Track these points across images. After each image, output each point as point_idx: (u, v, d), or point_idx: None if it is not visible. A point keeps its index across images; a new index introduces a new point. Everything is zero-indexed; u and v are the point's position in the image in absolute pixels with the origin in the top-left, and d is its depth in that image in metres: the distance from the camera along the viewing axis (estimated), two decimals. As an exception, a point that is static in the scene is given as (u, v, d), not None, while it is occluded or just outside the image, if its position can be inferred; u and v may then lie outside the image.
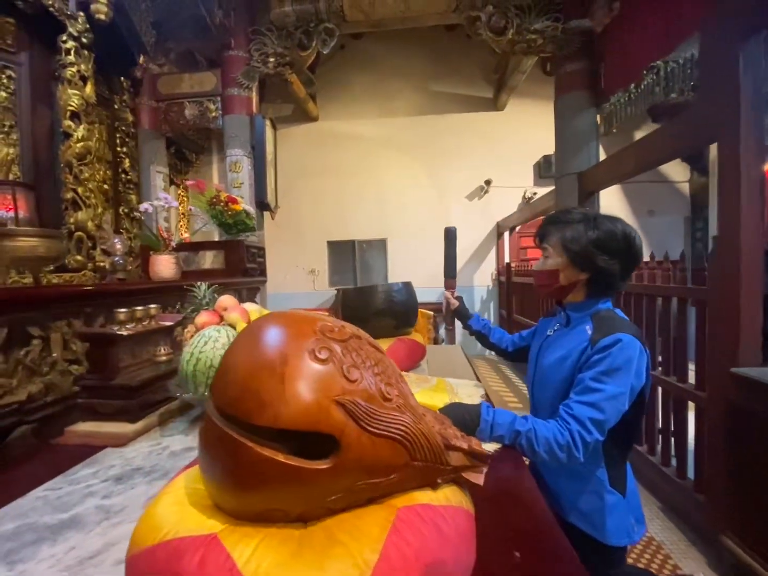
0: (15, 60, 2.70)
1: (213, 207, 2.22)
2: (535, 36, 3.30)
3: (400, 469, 0.47)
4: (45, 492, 0.78)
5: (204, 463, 0.49)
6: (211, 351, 0.99)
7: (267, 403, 0.42)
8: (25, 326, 1.07)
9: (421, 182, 5.98)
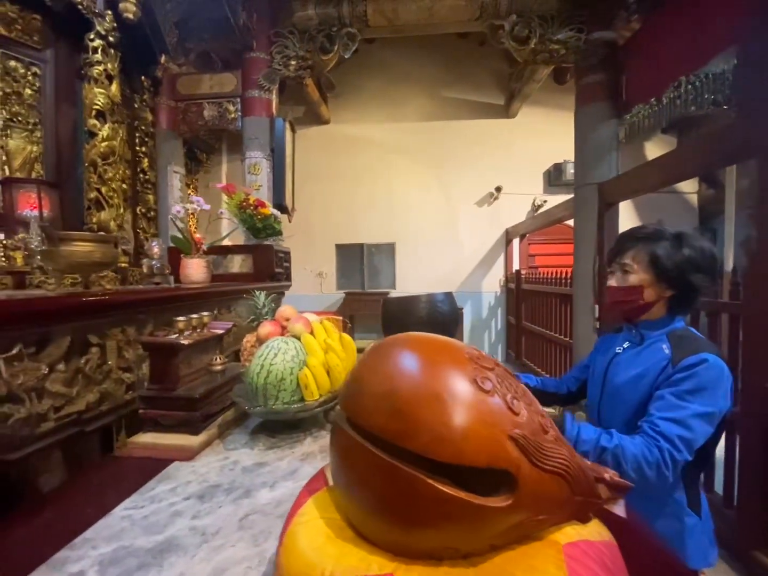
0: (40, 57, 2.67)
1: (243, 211, 2.20)
2: (557, 46, 3.31)
3: (563, 505, 0.46)
4: (129, 511, 0.75)
5: (357, 496, 0.47)
6: (281, 364, 0.97)
7: (446, 438, 0.41)
8: (85, 334, 1.04)
9: (431, 187, 5.99)
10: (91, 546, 0.66)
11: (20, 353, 0.88)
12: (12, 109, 2.57)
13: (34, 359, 0.91)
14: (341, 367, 1.04)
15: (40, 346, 0.93)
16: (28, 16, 2.67)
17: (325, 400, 1.03)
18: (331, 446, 0.55)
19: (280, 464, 0.92)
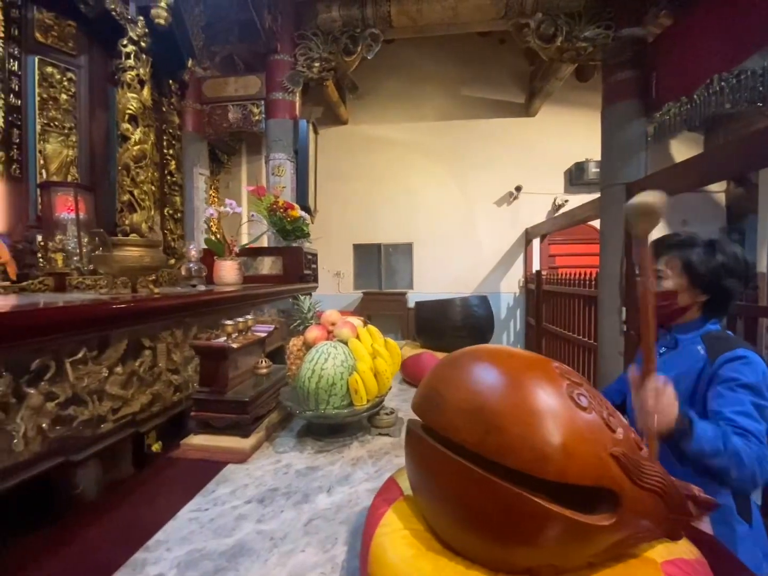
0: (75, 63, 2.73)
1: (273, 213, 2.22)
2: (585, 44, 3.26)
3: (660, 523, 0.46)
4: (195, 513, 0.77)
5: (448, 509, 0.47)
6: (332, 368, 0.98)
7: (549, 457, 0.41)
8: (139, 337, 1.07)
9: (449, 187, 5.96)
10: (165, 548, 0.68)
11: (84, 357, 0.90)
12: (49, 114, 2.64)
13: (95, 362, 0.94)
14: (389, 372, 1.04)
15: (100, 350, 0.95)
16: (63, 22, 2.74)
17: (373, 405, 1.04)
18: (411, 456, 0.56)
19: (333, 469, 0.93)
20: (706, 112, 2.88)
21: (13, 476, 0.77)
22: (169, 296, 1.18)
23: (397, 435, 1.10)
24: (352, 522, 0.73)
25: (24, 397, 0.80)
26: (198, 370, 1.36)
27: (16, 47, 2.54)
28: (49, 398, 0.84)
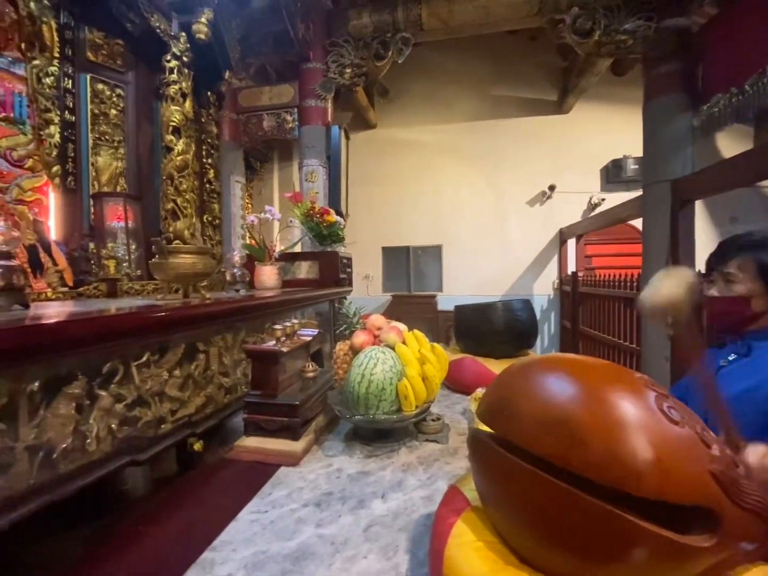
0: (123, 79, 2.89)
1: (310, 219, 2.26)
2: (624, 37, 3.14)
3: (760, 545, 0.43)
4: (255, 515, 0.79)
5: (527, 524, 0.46)
6: (381, 374, 0.99)
7: (643, 473, 0.39)
8: (194, 342, 1.11)
9: (479, 188, 5.88)
10: (231, 549, 0.70)
11: (148, 360, 0.95)
12: (100, 129, 2.80)
13: (157, 366, 0.98)
14: (437, 378, 1.03)
15: (161, 354, 1.00)
16: (112, 41, 2.90)
17: (422, 410, 1.03)
18: (481, 467, 0.55)
19: (384, 474, 0.93)
20: (760, 102, 2.71)
21: (87, 475, 0.81)
22: (221, 302, 1.22)
23: (445, 441, 1.09)
24: (411, 530, 0.73)
25: (96, 399, 0.84)
26: (245, 373, 1.40)
27: (70, 66, 2.71)
28: (117, 400, 0.88)
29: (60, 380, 0.77)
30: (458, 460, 0.99)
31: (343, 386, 1.08)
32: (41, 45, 2.55)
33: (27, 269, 2.01)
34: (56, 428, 0.76)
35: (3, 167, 2.41)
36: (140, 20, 2.81)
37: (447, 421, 1.19)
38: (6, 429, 0.67)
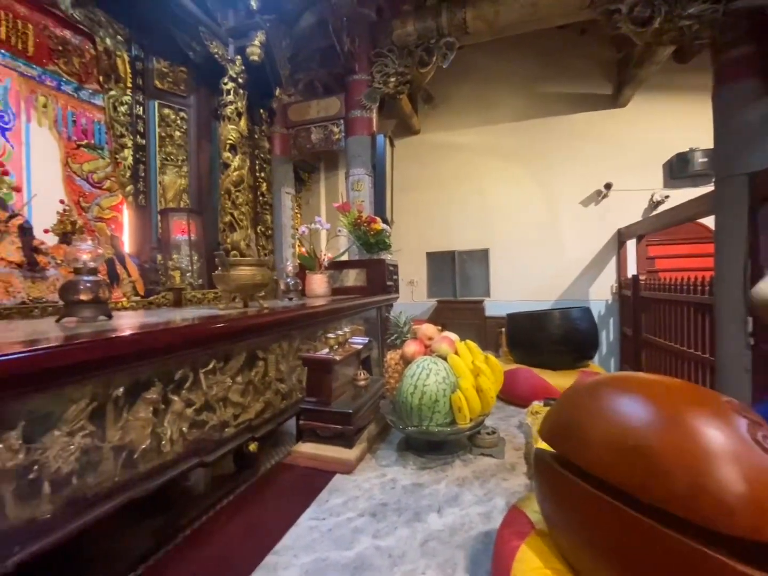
0: (186, 103, 3.13)
1: (357, 227, 2.31)
2: (689, 22, 2.91)
3: None
4: (314, 522, 0.81)
5: (603, 558, 0.43)
6: (434, 385, 0.98)
7: (736, 510, 0.35)
8: (254, 349, 1.16)
9: (527, 189, 5.69)
10: (292, 554, 0.72)
11: (214, 368, 1.01)
12: (166, 150, 3.06)
13: (222, 372, 1.04)
14: (492, 390, 1.01)
15: (225, 361, 1.06)
16: (176, 69, 3.16)
17: (476, 423, 1.01)
18: (547, 491, 0.53)
19: (438, 488, 0.92)
20: None
21: (162, 474, 0.88)
22: (277, 311, 1.28)
23: (501, 456, 1.06)
24: (469, 547, 0.72)
25: (169, 404, 0.91)
26: (300, 379, 1.45)
27: (140, 95, 2.98)
28: (187, 405, 0.95)
29: (140, 386, 0.84)
30: (516, 477, 0.96)
31: (394, 396, 1.09)
32: (116, 77, 2.83)
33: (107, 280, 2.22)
34: (137, 430, 0.83)
35: (85, 188, 2.69)
36: (201, 48, 3.03)
37: (502, 435, 1.16)
38: (95, 430, 0.75)
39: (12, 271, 1.80)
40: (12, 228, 1.92)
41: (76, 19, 2.52)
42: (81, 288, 1.01)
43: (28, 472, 0.62)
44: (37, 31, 2.37)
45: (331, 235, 2.61)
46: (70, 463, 0.69)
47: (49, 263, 1.97)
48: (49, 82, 2.45)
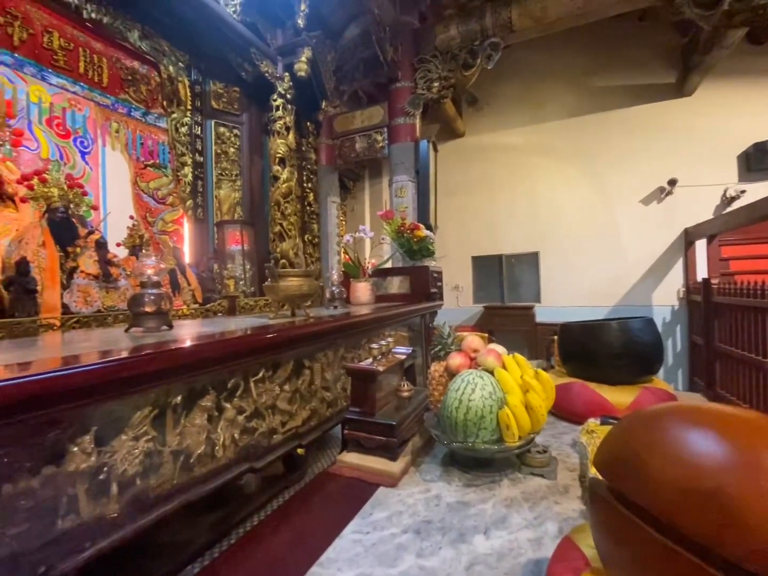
0: (239, 121, 3.32)
1: (400, 235, 2.31)
2: (764, 1, 2.63)
3: None
4: (357, 535, 0.81)
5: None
6: (480, 400, 0.95)
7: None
8: (301, 358, 1.19)
9: (581, 189, 5.40)
10: (336, 567, 0.72)
11: (263, 376, 1.05)
12: (221, 165, 3.25)
13: (270, 381, 1.08)
14: (543, 408, 0.96)
15: (274, 370, 1.10)
16: (230, 89, 3.35)
17: (526, 442, 0.97)
18: (604, 529, 0.49)
19: (485, 507, 0.89)
20: None
21: (216, 478, 0.92)
22: (323, 321, 1.30)
23: (553, 477, 1.00)
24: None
25: (222, 411, 0.96)
26: (344, 388, 1.46)
27: (199, 115, 3.19)
28: (239, 412, 0.99)
29: (196, 394, 0.89)
30: (569, 501, 0.90)
31: (439, 409, 1.06)
32: (178, 100, 3.06)
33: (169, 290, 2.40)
34: (193, 436, 0.87)
35: (151, 204, 2.93)
36: (252, 67, 3.20)
37: (554, 454, 1.09)
38: (157, 435, 0.80)
39: (90, 282, 1.99)
40: (90, 243, 2.13)
41: (144, 50, 2.77)
42: (146, 300, 1.10)
43: (99, 473, 0.68)
44: (110, 64, 2.62)
45: (375, 243, 2.63)
46: (134, 465, 0.74)
47: (121, 274, 2.16)
48: (120, 109, 2.71)
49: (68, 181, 2.36)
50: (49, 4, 2.24)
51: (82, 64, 2.46)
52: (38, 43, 2.25)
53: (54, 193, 2.13)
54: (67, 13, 2.32)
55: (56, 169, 2.47)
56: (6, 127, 2.29)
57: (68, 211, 2.14)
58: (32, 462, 0.58)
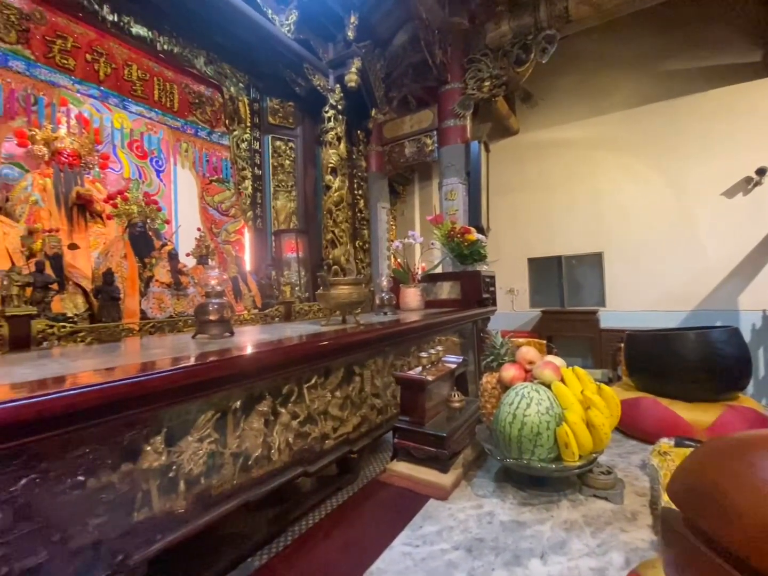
0: (294, 134, 3.48)
1: (451, 239, 2.27)
2: None
3: None
4: (407, 548, 0.81)
5: None
6: (536, 416, 0.90)
7: None
8: (351, 365, 1.22)
9: (650, 183, 4.97)
10: (386, 579, 0.72)
11: (315, 383, 1.08)
12: (278, 177, 3.42)
13: (322, 387, 1.11)
14: (607, 427, 0.89)
15: (325, 377, 1.12)
16: (285, 104, 3.52)
17: (587, 462, 0.90)
18: (677, 564, 0.44)
19: (542, 529, 0.84)
20: None
21: (272, 481, 0.96)
22: (374, 329, 1.32)
23: (618, 501, 0.92)
24: (580, 609, 0.63)
25: (278, 415, 1.00)
26: (395, 395, 1.47)
27: (257, 131, 3.39)
28: (293, 417, 1.03)
29: (253, 399, 0.94)
30: (638, 529, 0.82)
31: (491, 422, 1.03)
32: (238, 119, 3.27)
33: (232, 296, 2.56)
34: (251, 439, 0.92)
35: (216, 217, 3.15)
36: (305, 82, 3.34)
37: (620, 475, 1.01)
38: (219, 438, 0.85)
39: (163, 290, 2.18)
40: (163, 254, 2.34)
41: (209, 74, 3.00)
42: (210, 309, 1.18)
43: (168, 471, 0.74)
44: (179, 90, 2.87)
45: (425, 248, 2.62)
46: (199, 465, 0.80)
47: (189, 283, 2.35)
48: (189, 130, 2.95)
49: (145, 198, 2.61)
50: (128, 40, 2.50)
51: (156, 91, 2.72)
52: (120, 76, 2.52)
53: (134, 210, 2.37)
54: (143, 46, 2.58)
55: (136, 187, 2.75)
56: (95, 152, 2.59)
57: (146, 226, 2.37)
58: (113, 459, 0.65)
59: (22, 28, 2.02)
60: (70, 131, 2.42)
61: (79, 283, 1.92)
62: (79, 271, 2.00)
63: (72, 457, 0.60)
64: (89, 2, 2.18)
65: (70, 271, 1.93)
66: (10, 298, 1.43)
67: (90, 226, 2.47)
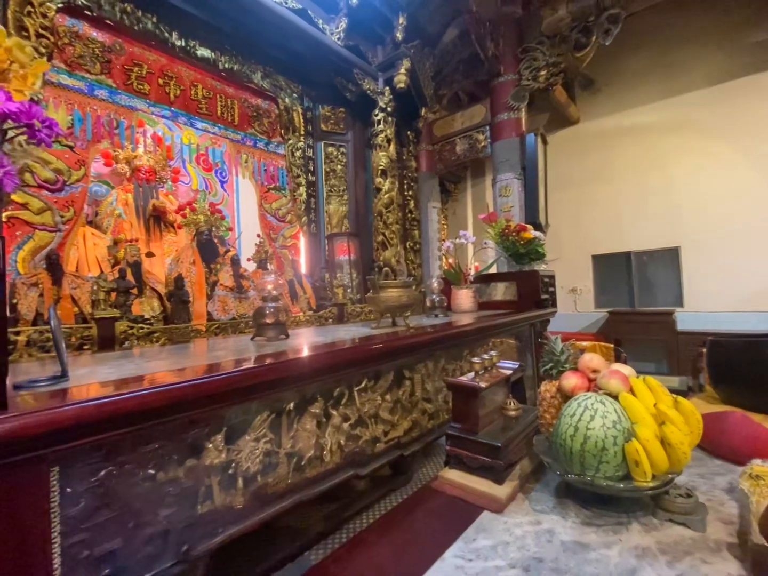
0: (344, 139, 3.55)
1: (505, 238, 2.18)
2: None
3: None
4: (459, 560, 0.78)
5: None
6: (601, 429, 0.83)
7: None
8: (401, 369, 1.21)
9: (735, 169, 4.42)
10: (437, 592, 0.70)
11: (366, 386, 1.09)
12: (330, 182, 3.51)
13: (372, 391, 1.11)
14: (686, 446, 0.80)
15: (375, 380, 1.13)
16: (336, 111, 3.60)
17: (662, 483, 0.81)
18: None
19: (609, 554, 0.77)
20: None
21: (324, 481, 0.98)
22: (424, 333, 1.30)
23: (700, 528, 0.82)
24: (656, 649, 0.57)
25: (329, 418, 1.02)
26: (446, 400, 1.44)
27: (310, 139, 3.49)
28: (344, 419, 1.04)
29: (306, 402, 0.96)
30: (722, 561, 0.72)
31: (551, 434, 0.97)
32: (293, 128, 3.40)
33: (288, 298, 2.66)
34: (304, 440, 0.95)
35: (274, 223, 3.30)
36: (355, 87, 3.39)
37: (702, 499, 0.90)
38: (274, 438, 0.89)
39: (227, 294, 2.33)
40: (227, 260, 2.50)
41: (265, 87, 3.15)
42: (266, 313, 1.24)
43: (228, 468, 0.78)
44: (239, 104, 3.05)
45: (478, 248, 2.54)
46: (256, 464, 0.84)
47: (250, 286, 2.48)
48: (248, 142, 3.12)
49: (211, 207, 2.81)
50: (194, 62, 2.70)
51: (219, 108, 2.91)
52: (187, 96, 2.73)
53: (201, 219, 2.56)
54: (207, 67, 2.77)
55: (203, 198, 2.96)
56: (168, 168, 2.83)
57: (211, 233, 2.54)
58: (178, 455, 0.70)
59: (105, 59, 2.26)
60: (146, 150, 2.67)
61: (155, 288, 2.11)
62: (155, 276, 2.20)
63: (144, 451, 0.65)
64: (160, 30, 2.39)
65: (147, 276, 2.13)
66: (98, 302, 1.61)
67: (164, 235, 2.71)
